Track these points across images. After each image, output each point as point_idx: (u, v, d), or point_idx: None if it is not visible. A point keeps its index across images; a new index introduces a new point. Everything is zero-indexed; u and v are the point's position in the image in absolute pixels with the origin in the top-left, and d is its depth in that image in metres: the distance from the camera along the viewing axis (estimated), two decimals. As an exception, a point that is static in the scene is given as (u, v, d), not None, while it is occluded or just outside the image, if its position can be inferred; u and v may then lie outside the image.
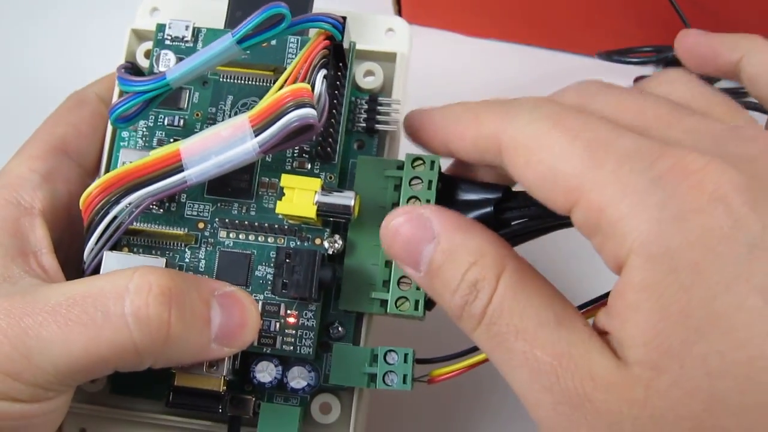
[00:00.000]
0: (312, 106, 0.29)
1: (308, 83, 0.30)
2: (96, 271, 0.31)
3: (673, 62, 0.42)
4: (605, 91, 0.29)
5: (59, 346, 0.27)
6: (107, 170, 0.34)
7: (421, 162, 0.31)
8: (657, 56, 0.42)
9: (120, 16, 0.36)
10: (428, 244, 0.27)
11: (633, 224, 0.24)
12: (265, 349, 0.31)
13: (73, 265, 0.32)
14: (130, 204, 0.30)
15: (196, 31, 0.33)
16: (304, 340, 0.31)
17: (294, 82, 0.30)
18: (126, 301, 0.27)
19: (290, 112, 0.29)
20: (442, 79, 0.46)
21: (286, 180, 0.31)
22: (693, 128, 0.26)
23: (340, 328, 0.32)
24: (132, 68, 0.33)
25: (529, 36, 0.47)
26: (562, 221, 0.30)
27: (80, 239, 0.33)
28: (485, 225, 0.30)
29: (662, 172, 0.24)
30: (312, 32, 0.32)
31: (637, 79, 0.43)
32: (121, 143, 0.34)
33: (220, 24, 0.34)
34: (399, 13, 0.47)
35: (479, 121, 0.29)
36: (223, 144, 0.30)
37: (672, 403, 0.23)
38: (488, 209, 0.31)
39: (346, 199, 0.30)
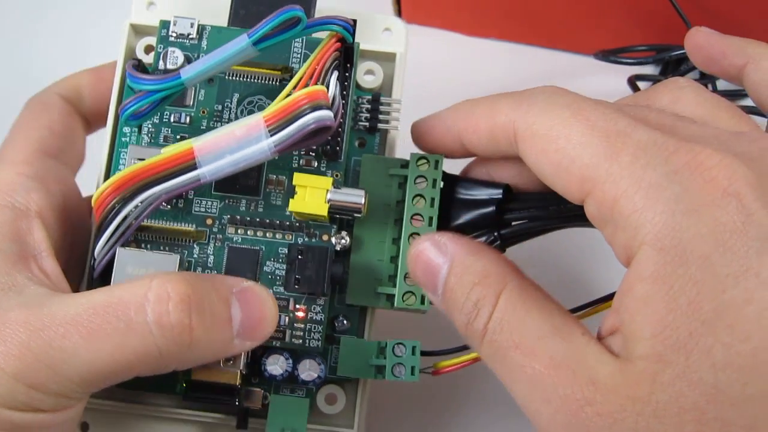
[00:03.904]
0: (328, 108, 0.30)
1: (322, 85, 0.31)
2: (107, 268, 0.31)
3: (674, 63, 0.43)
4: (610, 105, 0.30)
5: (84, 355, 0.27)
6: (108, 168, 0.33)
7: (426, 161, 0.32)
8: (657, 56, 0.43)
9: (116, 12, 0.36)
10: (444, 268, 0.28)
11: (647, 217, 0.24)
12: (274, 343, 0.32)
13: (73, 269, 0.32)
14: (142, 202, 0.30)
15: (200, 29, 0.34)
16: (312, 334, 0.32)
17: (307, 83, 0.31)
18: (147, 309, 0.27)
19: (307, 114, 0.29)
20: (441, 78, 0.46)
21: (299, 179, 0.31)
22: (696, 133, 0.27)
23: (345, 321, 0.33)
24: (139, 65, 0.33)
25: (528, 36, 0.47)
26: (561, 222, 0.32)
27: (78, 241, 0.33)
28: (487, 224, 0.32)
29: (677, 166, 0.25)
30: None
31: (632, 79, 0.44)
32: (123, 138, 0.34)
33: (218, 18, 0.35)
34: (399, 12, 0.47)
35: (494, 111, 0.29)
36: (238, 143, 0.30)
37: (675, 396, 0.23)
38: (490, 209, 0.32)
39: (357, 197, 0.31)
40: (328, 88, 0.30)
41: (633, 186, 0.25)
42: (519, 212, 0.32)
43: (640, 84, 0.45)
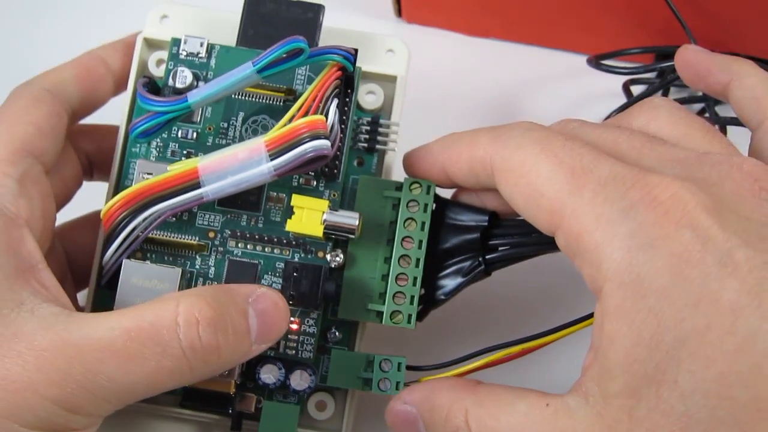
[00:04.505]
0: (326, 137, 0.31)
1: (322, 113, 0.32)
2: (114, 277, 0.33)
3: (670, 70, 0.43)
4: (584, 128, 0.31)
5: (122, 378, 0.28)
6: (119, 179, 0.35)
7: (419, 186, 0.34)
8: (650, 66, 0.43)
9: (125, 19, 0.38)
10: (418, 418, 0.31)
11: (606, 252, 0.26)
12: (269, 352, 0.34)
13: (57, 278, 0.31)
14: (149, 216, 0.32)
15: (209, 48, 0.35)
16: (305, 345, 0.34)
17: (308, 109, 0.32)
18: (180, 335, 0.28)
19: (306, 142, 0.31)
20: (442, 78, 0.47)
21: (297, 200, 0.33)
22: (663, 156, 0.28)
23: (336, 333, 0.35)
24: (150, 83, 0.34)
25: (529, 36, 0.48)
26: (543, 249, 0.34)
27: (55, 248, 0.34)
28: (472, 249, 0.34)
29: (633, 201, 0.26)
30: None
31: (627, 84, 0.45)
32: (133, 149, 0.35)
33: (228, 34, 0.36)
34: (399, 12, 0.48)
35: (474, 145, 0.31)
36: (240, 165, 0.32)
37: (652, 428, 0.25)
38: (475, 235, 0.34)
39: (351, 219, 0.33)
40: (327, 116, 0.32)
41: (593, 222, 0.26)
42: (503, 238, 0.34)
43: (634, 88, 0.46)
